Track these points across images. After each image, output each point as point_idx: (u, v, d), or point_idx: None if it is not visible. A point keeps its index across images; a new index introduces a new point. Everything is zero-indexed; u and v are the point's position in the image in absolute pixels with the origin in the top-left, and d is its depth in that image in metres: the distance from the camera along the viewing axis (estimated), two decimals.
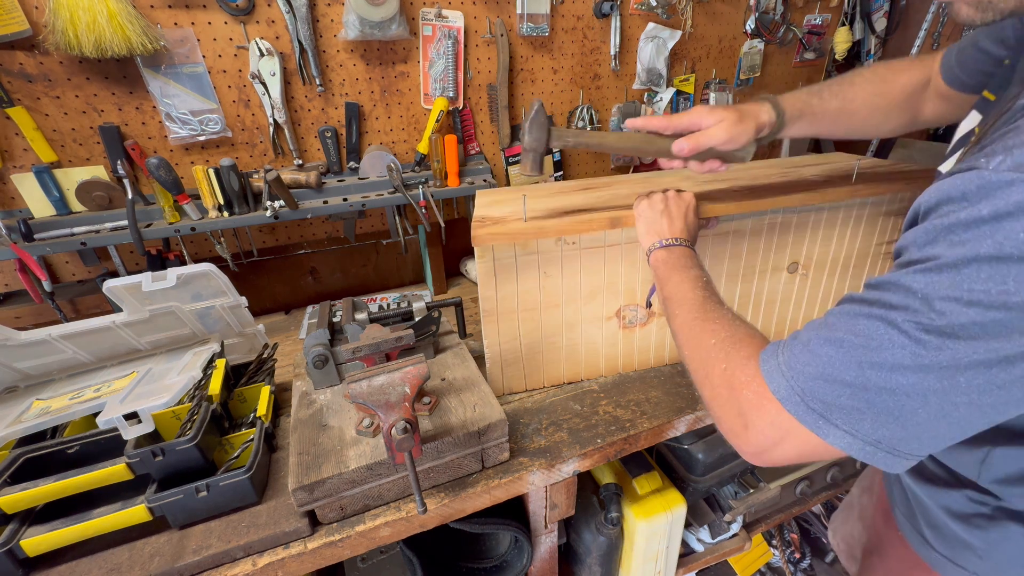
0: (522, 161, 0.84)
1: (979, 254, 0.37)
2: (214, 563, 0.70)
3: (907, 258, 0.43)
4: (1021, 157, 0.37)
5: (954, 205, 0.40)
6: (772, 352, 0.50)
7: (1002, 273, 0.37)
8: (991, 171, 0.38)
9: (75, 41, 0.96)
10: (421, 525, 0.80)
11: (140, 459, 0.71)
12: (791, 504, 1.51)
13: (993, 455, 0.56)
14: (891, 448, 0.44)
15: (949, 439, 0.43)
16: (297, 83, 1.22)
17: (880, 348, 0.42)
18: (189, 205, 1.11)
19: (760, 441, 0.49)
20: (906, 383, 0.41)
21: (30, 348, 0.83)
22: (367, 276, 1.57)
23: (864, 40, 1.86)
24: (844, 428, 0.44)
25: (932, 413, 0.41)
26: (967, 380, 0.39)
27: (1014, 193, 0.36)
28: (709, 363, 0.56)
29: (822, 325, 0.48)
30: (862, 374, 0.43)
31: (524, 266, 0.91)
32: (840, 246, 1.07)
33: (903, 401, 0.42)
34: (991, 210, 0.37)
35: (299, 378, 0.95)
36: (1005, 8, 0.45)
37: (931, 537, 0.67)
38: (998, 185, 0.37)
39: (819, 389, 0.45)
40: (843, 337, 0.44)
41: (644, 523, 1.11)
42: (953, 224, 0.40)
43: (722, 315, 0.61)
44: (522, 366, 1.01)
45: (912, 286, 0.41)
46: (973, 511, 0.61)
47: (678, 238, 0.78)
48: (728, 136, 0.76)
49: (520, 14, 1.34)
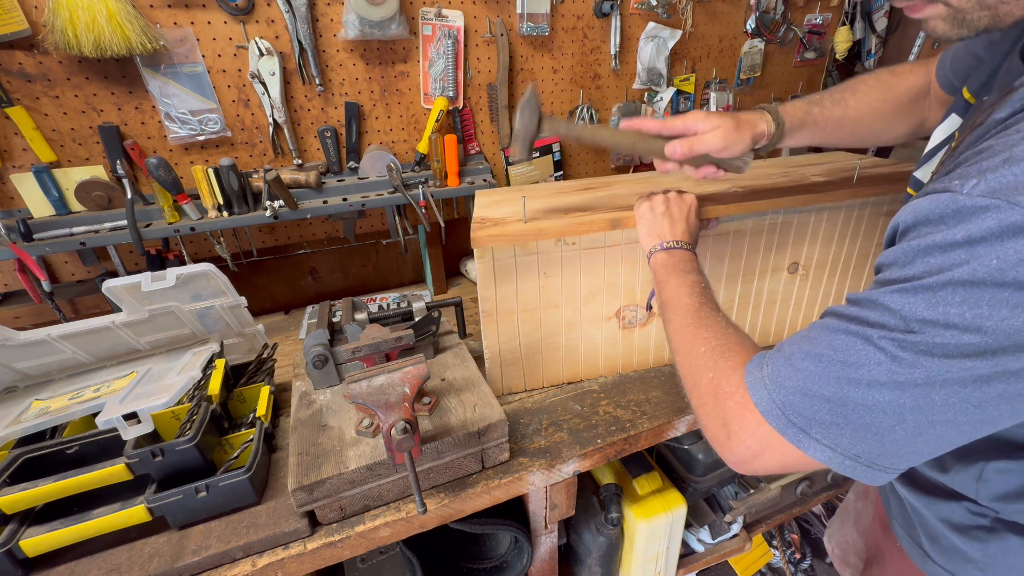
0: (511, 144, 0.83)
1: (953, 278, 0.38)
2: (213, 563, 0.70)
3: (886, 276, 0.44)
4: (994, 182, 0.37)
5: (931, 227, 0.41)
6: (757, 364, 0.51)
7: (975, 297, 0.37)
8: (965, 195, 0.38)
9: (74, 41, 0.96)
10: (421, 525, 0.80)
11: (139, 459, 0.71)
12: (791, 504, 1.51)
13: (988, 471, 0.56)
14: (870, 462, 0.44)
15: (928, 454, 0.44)
16: (297, 83, 1.22)
17: (858, 364, 0.42)
18: (188, 205, 1.11)
19: (742, 451, 0.50)
20: (882, 400, 0.42)
21: (29, 348, 0.83)
22: (367, 276, 1.56)
23: (865, 40, 1.86)
24: (824, 442, 0.45)
25: (909, 430, 0.42)
26: (943, 399, 0.40)
27: (987, 219, 0.36)
28: (697, 371, 0.57)
29: (804, 338, 0.48)
30: (840, 390, 0.43)
31: (524, 267, 0.91)
32: (840, 246, 1.07)
33: (880, 418, 0.42)
34: (965, 235, 0.38)
35: (299, 378, 0.95)
36: (979, 24, 0.45)
37: (930, 549, 0.66)
38: (972, 210, 0.37)
39: (799, 403, 0.46)
40: (823, 352, 0.45)
41: (644, 523, 1.11)
42: (929, 246, 0.40)
43: (715, 322, 0.61)
44: (521, 366, 1.01)
45: (890, 305, 0.41)
46: (972, 523, 0.60)
47: (679, 241, 0.78)
48: (723, 144, 0.75)
49: (520, 13, 1.34)
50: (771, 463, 0.49)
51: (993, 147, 0.40)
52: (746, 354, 0.54)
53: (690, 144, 0.75)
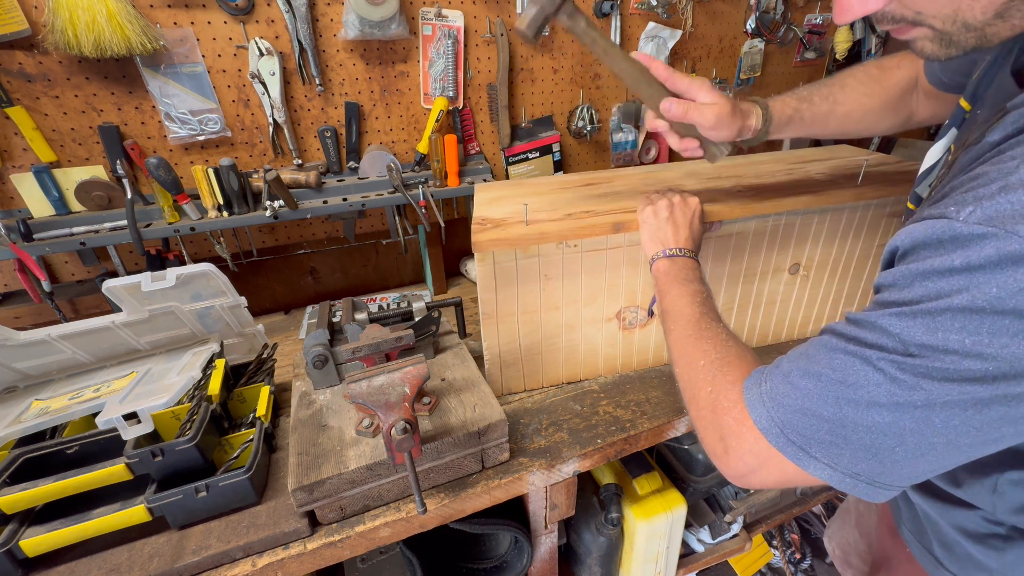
0: (522, 13, 0.71)
1: (952, 305, 0.38)
2: (213, 563, 0.70)
3: (885, 297, 0.44)
4: (991, 210, 0.37)
5: (929, 251, 0.41)
6: (756, 380, 0.51)
7: (975, 325, 0.37)
8: (961, 222, 0.38)
9: (74, 41, 0.96)
10: (421, 525, 0.80)
11: (139, 459, 0.71)
12: (791, 504, 1.51)
13: (1003, 482, 0.54)
14: (871, 480, 0.44)
15: (930, 473, 0.44)
16: (297, 83, 1.22)
17: (857, 385, 0.42)
18: (188, 205, 1.11)
19: (739, 466, 0.50)
20: (882, 421, 0.41)
21: (29, 348, 0.83)
22: (367, 276, 1.56)
23: (865, 39, 1.85)
24: (824, 461, 0.45)
25: (910, 451, 0.42)
26: (943, 421, 0.40)
27: (986, 247, 0.36)
28: (696, 384, 0.57)
29: (803, 356, 0.48)
30: (839, 410, 0.43)
31: (524, 269, 0.91)
32: (842, 248, 1.07)
33: (880, 439, 0.42)
34: (963, 262, 0.37)
35: (299, 378, 0.95)
36: (967, 45, 0.45)
37: (942, 556, 0.65)
38: (969, 238, 0.37)
39: (798, 422, 0.46)
40: (821, 371, 0.45)
41: (644, 523, 1.11)
42: (927, 271, 0.40)
43: (715, 334, 0.61)
44: (521, 367, 1.01)
45: (889, 328, 0.41)
46: (988, 531, 0.59)
47: (682, 248, 0.77)
48: (714, 123, 0.73)
49: (520, 13, 1.34)
50: (769, 478, 0.49)
51: (988, 173, 0.39)
52: (745, 368, 0.54)
53: (686, 108, 0.73)
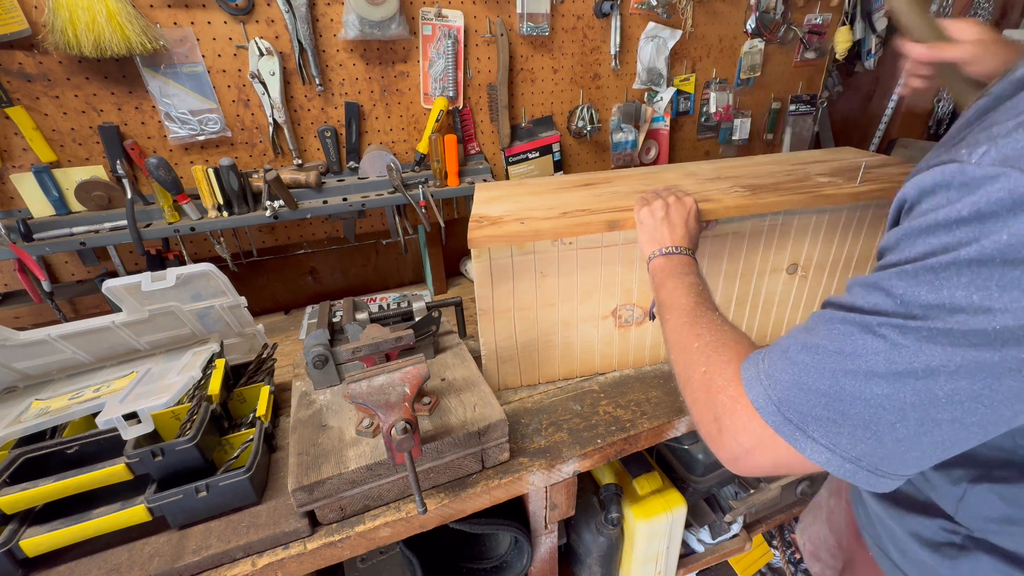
0: None
1: (959, 258, 0.35)
2: (214, 563, 0.70)
3: (887, 260, 0.41)
4: (1007, 148, 0.33)
5: (934, 201, 0.38)
6: (755, 360, 0.48)
7: (984, 278, 0.34)
8: (973, 164, 0.35)
9: (74, 41, 0.96)
10: (421, 525, 0.80)
11: (139, 459, 0.71)
12: (792, 504, 1.51)
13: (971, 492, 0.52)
14: (872, 467, 0.41)
15: (935, 458, 0.40)
16: (297, 83, 1.22)
17: (855, 355, 0.39)
18: (188, 205, 1.11)
19: (733, 447, 0.48)
20: (880, 393, 0.38)
21: (29, 348, 0.83)
22: (367, 276, 1.56)
23: (865, 40, 1.85)
24: (822, 442, 0.42)
25: (912, 429, 0.38)
26: (947, 394, 0.36)
27: (997, 190, 0.33)
28: (691, 366, 0.55)
29: (803, 330, 0.46)
30: (836, 382, 0.40)
31: (520, 266, 0.91)
32: (841, 247, 1.07)
33: (879, 413, 0.39)
34: (972, 209, 0.34)
35: (299, 378, 0.95)
36: None
37: (900, 561, 0.65)
38: (980, 181, 0.34)
39: (795, 398, 0.43)
40: (819, 343, 0.42)
41: (644, 523, 1.11)
42: (932, 225, 0.37)
43: (710, 320, 0.60)
44: (517, 363, 1.01)
45: (892, 290, 0.38)
46: (944, 540, 0.57)
47: (679, 246, 0.77)
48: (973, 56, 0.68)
49: (520, 13, 1.34)
50: (763, 461, 0.46)
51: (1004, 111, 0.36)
52: (741, 350, 0.52)
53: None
